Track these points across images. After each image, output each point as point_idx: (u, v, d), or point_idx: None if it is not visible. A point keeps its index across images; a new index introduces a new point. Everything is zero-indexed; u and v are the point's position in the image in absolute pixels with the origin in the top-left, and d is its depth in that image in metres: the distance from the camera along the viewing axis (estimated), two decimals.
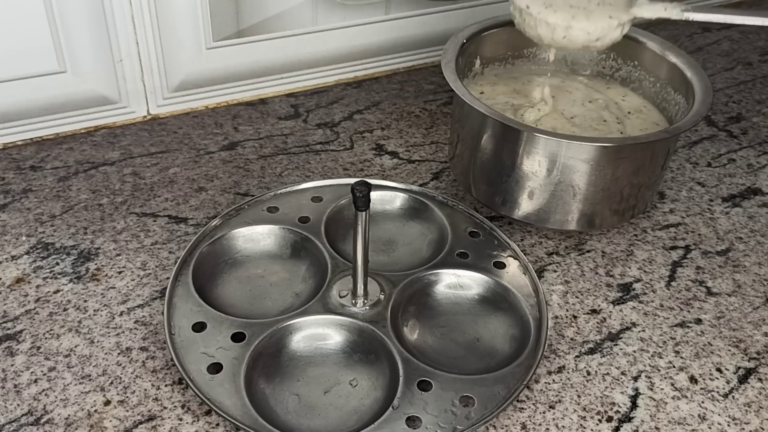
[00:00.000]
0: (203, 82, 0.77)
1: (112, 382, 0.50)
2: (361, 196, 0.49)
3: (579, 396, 0.51)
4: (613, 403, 0.51)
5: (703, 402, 0.51)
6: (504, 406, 0.48)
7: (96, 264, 0.59)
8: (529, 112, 0.64)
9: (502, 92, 0.70)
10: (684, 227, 0.66)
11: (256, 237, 0.60)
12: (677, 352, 0.55)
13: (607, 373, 0.53)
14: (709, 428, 0.50)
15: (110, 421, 0.48)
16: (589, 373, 0.53)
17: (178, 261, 0.57)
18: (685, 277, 0.61)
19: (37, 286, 0.57)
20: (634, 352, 0.54)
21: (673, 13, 0.55)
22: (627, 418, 0.50)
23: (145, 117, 0.76)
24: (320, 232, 0.60)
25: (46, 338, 0.53)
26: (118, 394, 0.50)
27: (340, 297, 0.54)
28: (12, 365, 0.51)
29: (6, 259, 0.59)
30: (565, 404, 0.50)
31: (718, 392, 0.52)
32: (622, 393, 0.51)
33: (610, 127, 0.66)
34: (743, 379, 0.53)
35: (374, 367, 0.51)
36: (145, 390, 0.50)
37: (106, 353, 0.52)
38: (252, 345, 0.51)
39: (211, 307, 0.54)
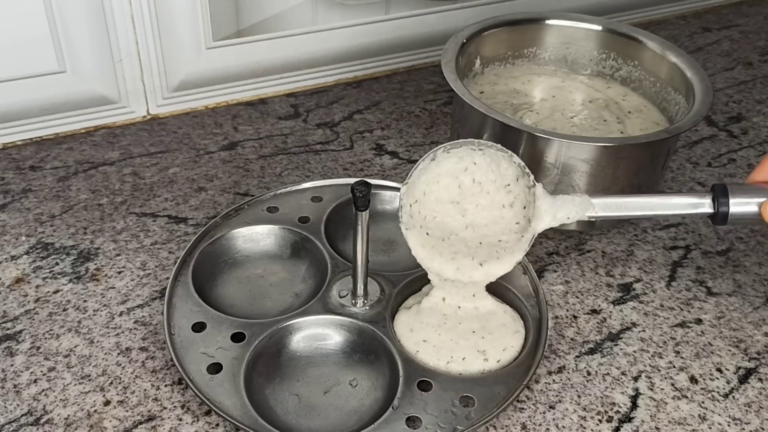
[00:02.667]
0: (203, 82, 0.77)
1: (111, 382, 0.50)
2: (361, 196, 0.49)
3: (579, 396, 0.51)
4: (614, 403, 0.51)
5: (703, 402, 0.51)
6: (504, 406, 0.48)
7: (96, 264, 0.59)
8: (527, 115, 0.63)
9: (502, 92, 0.70)
10: (684, 227, 0.66)
11: (256, 237, 0.60)
12: (677, 352, 0.55)
13: (608, 373, 0.53)
14: (710, 428, 0.49)
15: (110, 421, 0.48)
16: (589, 373, 0.53)
17: (178, 261, 0.57)
18: (685, 277, 0.61)
19: (37, 286, 0.57)
20: (635, 352, 0.54)
21: (579, 213, 0.49)
22: (627, 418, 0.50)
23: (144, 117, 0.76)
24: (320, 232, 0.60)
25: (45, 338, 0.53)
26: (117, 394, 0.49)
27: (340, 297, 0.54)
28: (12, 365, 0.51)
29: (6, 259, 0.59)
30: (566, 404, 0.50)
31: (718, 392, 0.52)
32: (622, 393, 0.51)
33: (610, 127, 0.66)
34: (743, 379, 0.53)
35: (374, 367, 0.51)
36: (145, 390, 0.50)
37: (105, 353, 0.52)
38: (252, 345, 0.51)
39: (210, 307, 0.54)
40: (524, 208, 0.48)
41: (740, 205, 0.45)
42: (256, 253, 0.60)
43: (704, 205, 0.46)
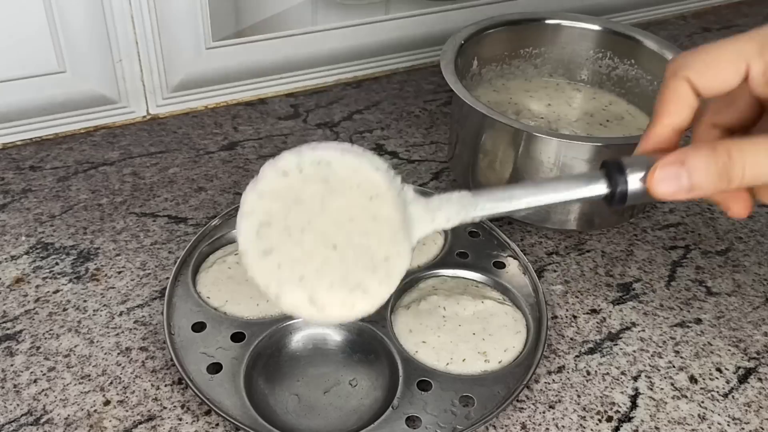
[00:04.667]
0: (203, 82, 0.77)
1: (111, 382, 0.50)
2: None
3: (579, 396, 0.51)
4: (613, 403, 0.51)
5: (703, 402, 0.51)
6: (504, 406, 0.48)
7: (95, 264, 0.59)
8: None
9: (502, 92, 0.70)
10: (684, 227, 0.66)
11: None
12: (677, 352, 0.55)
13: (607, 373, 0.53)
14: (709, 428, 0.50)
15: (110, 421, 0.48)
16: (588, 373, 0.53)
17: (178, 261, 0.57)
18: (684, 276, 0.61)
19: (37, 286, 0.57)
20: (634, 351, 0.54)
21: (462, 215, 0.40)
22: (627, 418, 0.50)
23: (144, 117, 0.76)
24: None
25: (45, 338, 0.53)
26: (117, 394, 0.49)
27: None
28: (11, 365, 0.51)
29: (5, 259, 0.59)
30: (565, 404, 0.50)
31: (718, 392, 0.52)
32: (622, 393, 0.51)
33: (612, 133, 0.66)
34: (743, 379, 0.53)
35: (374, 367, 0.51)
36: (145, 390, 0.50)
37: (105, 353, 0.52)
38: (252, 345, 0.51)
39: (210, 307, 0.54)
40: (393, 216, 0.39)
41: (639, 181, 0.38)
42: None
43: (598, 185, 0.38)
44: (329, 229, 0.38)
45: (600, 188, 0.39)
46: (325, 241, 0.39)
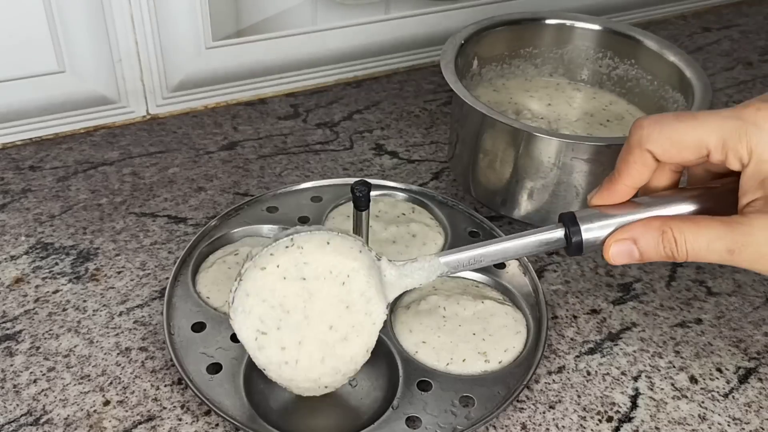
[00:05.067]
0: (202, 82, 0.77)
1: (111, 383, 0.50)
2: (361, 195, 0.49)
3: (579, 396, 0.51)
4: (613, 403, 0.51)
5: (703, 402, 0.51)
6: (504, 406, 0.48)
7: (95, 264, 0.59)
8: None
9: (502, 91, 0.70)
10: None
11: (256, 237, 0.60)
12: (677, 352, 0.55)
13: (607, 373, 0.53)
14: (709, 428, 0.49)
15: (109, 421, 0.48)
16: (589, 373, 0.53)
17: (178, 261, 0.57)
18: (685, 277, 0.61)
19: (37, 286, 0.57)
20: (634, 352, 0.54)
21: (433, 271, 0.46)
22: (627, 418, 0.50)
23: (144, 117, 0.76)
24: None
25: (45, 338, 0.53)
26: (117, 394, 0.49)
27: None
28: (11, 365, 0.51)
29: (5, 259, 0.59)
30: (565, 404, 0.50)
31: (718, 392, 0.52)
32: (622, 393, 0.51)
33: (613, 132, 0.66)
34: (743, 379, 0.53)
35: (374, 367, 0.51)
36: (145, 390, 0.50)
37: (105, 353, 0.52)
38: None
39: (210, 307, 0.54)
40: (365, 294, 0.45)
41: (593, 231, 0.43)
42: None
43: (558, 238, 0.44)
44: (311, 318, 0.45)
45: (559, 240, 0.44)
46: (308, 326, 0.45)
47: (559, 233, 0.44)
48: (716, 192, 0.44)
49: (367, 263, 0.45)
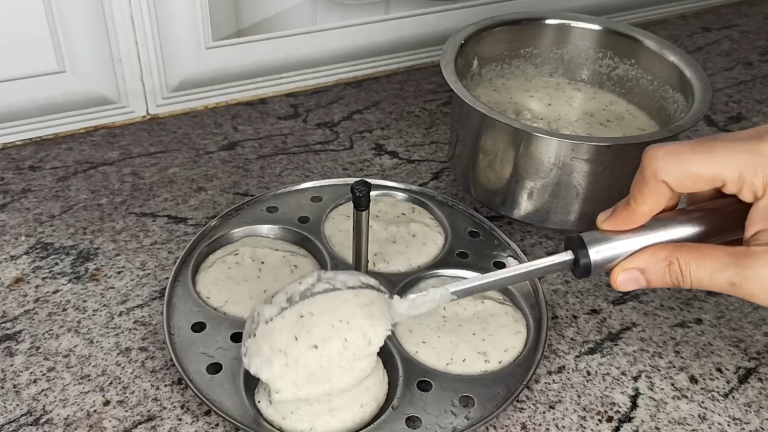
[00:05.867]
0: (202, 82, 0.77)
1: (111, 383, 0.50)
2: (361, 196, 0.49)
3: (579, 396, 0.51)
4: (613, 403, 0.51)
5: (703, 402, 0.51)
6: (504, 406, 0.48)
7: (95, 264, 0.59)
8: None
9: (502, 91, 0.70)
10: None
11: (256, 237, 0.60)
12: (677, 352, 0.55)
13: (607, 373, 0.53)
14: (709, 428, 0.49)
15: (109, 421, 0.48)
16: (589, 373, 0.53)
17: (178, 261, 0.57)
18: None
19: (37, 286, 0.57)
20: (634, 352, 0.54)
21: (440, 298, 0.46)
22: (627, 418, 0.50)
23: (144, 117, 0.76)
24: (320, 232, 0.60)
25: (45, 338, 0.53)
26: (117, 394, 0.49)
27: None
28: (11, 365, 0.51)
29: (5, 259, 0.59)
30: (565, 404, 0.50)
31: (718, 392, 0.52)
32: (622, 393, 0.51)
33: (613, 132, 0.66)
34: (743, 379, 0.53)
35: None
36: (145, 390, 0.50)
37: (105, 353, 0.52)
38: None
39: (210, 307, 0.54)
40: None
41: (601, 254, 0.43)
42: None
43: (566, 261, 0.44)
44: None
45: (566, 263, 0.44)
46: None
47: (567, 256, 0.44)
48: (720, 213, 0.44)
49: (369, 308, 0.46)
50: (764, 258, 0.39)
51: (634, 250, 0.43)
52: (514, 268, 0.46)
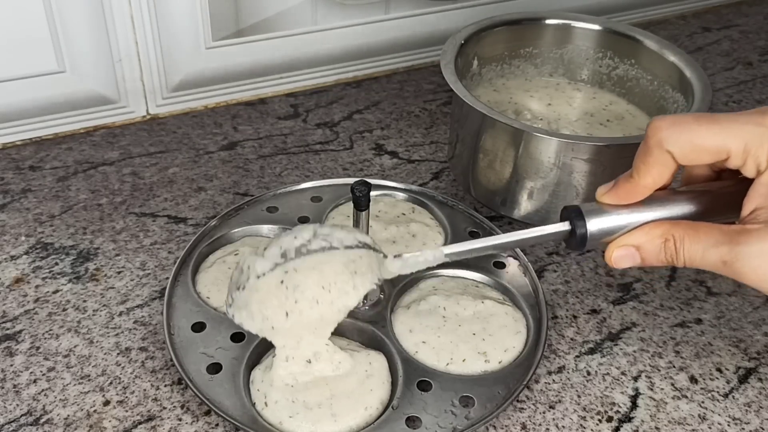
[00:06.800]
0: (202, 82, 0.77)
1: (111, 383, 0.50)
2: (361, 195, 0.49)
3: (579, 396, 0.51)
4: (613, 403, 0.51)
5: (703, 402, 0.51)
6: (504, 406, 0.48)
7: (95, 264, 0.59)
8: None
9: (502, 91, 0.70)
10: None
11: (256, 237, 0.60)
12: (677, 352, 0.55)
13: (607, 373, 0.53)
14: (709, 428, 0.49)
15: (109, 421, 0.48)
16: (589, 373, 0.53)
17: (178, 261, 0.57)
18: (685, 276, 0.61)
19: (36, 286, 0.57)
20: (634, 352, 0.54)
21: (435, 257, 0.46)
22: (627, 418, 0.50)
23: (144, 117, 0.76)
24: None
25: (45, 338, 0.53)
26: (117, 394, 0.49)
27: None
28: (11, 365, 0.51)
29: (5, 259, 0.59)
30: (565, 404, 0.50)
31: (718, 392, 0.52)
32: (622, 393, 0.51)
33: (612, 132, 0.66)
34: (743, 379, 0.53)
35: None
36: (145, 390, 0.50)
37: (105, 353, 0.52)
38: (251, 345, 0.51)
39: (210, 307, 0.54)
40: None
41: (598, 225, 0.43)
42: None
43: (562, 230, 0.43)
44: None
45: (562, 232, 0.44)
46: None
47: (564, 226, 0.43)
48: (717, 194, 0.44)
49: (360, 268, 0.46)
50: (758, 235, 0.39)
51: (631, 225, 0.43)
52: (508, 234, 0.45)
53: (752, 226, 0.39)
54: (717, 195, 0.43)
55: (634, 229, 0.42)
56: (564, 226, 0.43)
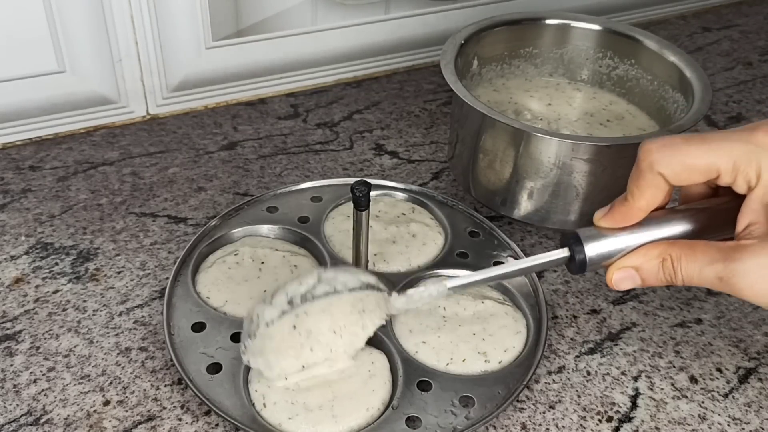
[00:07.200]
0: (202, 82, 0.77)
1: (111, 383, 0.50)
2: (361, 195, 0.49)
3: (579, 396, 0.51)
4: (613, 403, 0.51)
5: (703, 402, 0.51)
6: (504, 406, 0.48)
7: (95, 264, 0.59)
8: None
9: (502, 91, 0.70)
10: None
11: (256, 237, 0.60)
12: (677, 352, 0.55)
13: (607, 373, 0.53)
14: (709, 428, 0.49)
15: (109, 421, 0.48)
16: (589, 373, 0.53)
17: (178, 261, 0.57)
18: None
19: (37, 286, 0.57)
20: (634, 352, 0.54)
21: (438, 291, 0.46)
22: (627, 418, 0.50)
23: (144, 117, 0.76)
24: (320, 232, 0.60)
25: (45, 338, 0.53)
26: (117, 394, 0.49)
27: None
28: (11, 365, 0.51)
29: (5, 259, 0.59)
30: (565, 404, 0.50)
31: (718, 392, 0.52)
32: (622, 393, 0.51)
33: (613, 132, 0.66)
34: (743, 379, 0.53)
35: None
36: (145, 390, 0.50)
37: (105, 353, 0.52)
38: None
39: (210, 307, 0.54)
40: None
41: (596, 250, 0.44)
42: None
43: (562, 257, 0.44)
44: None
45: (562, 259, 0.44)
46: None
47: (563, 253, 0.44)
48: (713, 211, 0.44)
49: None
50: (752, 251, 0.39)
51: (629, 248, 0.43)
52: (509, 264, 0.46)
53: (746, 241, 0.40)
54: (714, 212, 0.44)
55: (633, 251, 0.43)
56: (564, 253, 0.44)
